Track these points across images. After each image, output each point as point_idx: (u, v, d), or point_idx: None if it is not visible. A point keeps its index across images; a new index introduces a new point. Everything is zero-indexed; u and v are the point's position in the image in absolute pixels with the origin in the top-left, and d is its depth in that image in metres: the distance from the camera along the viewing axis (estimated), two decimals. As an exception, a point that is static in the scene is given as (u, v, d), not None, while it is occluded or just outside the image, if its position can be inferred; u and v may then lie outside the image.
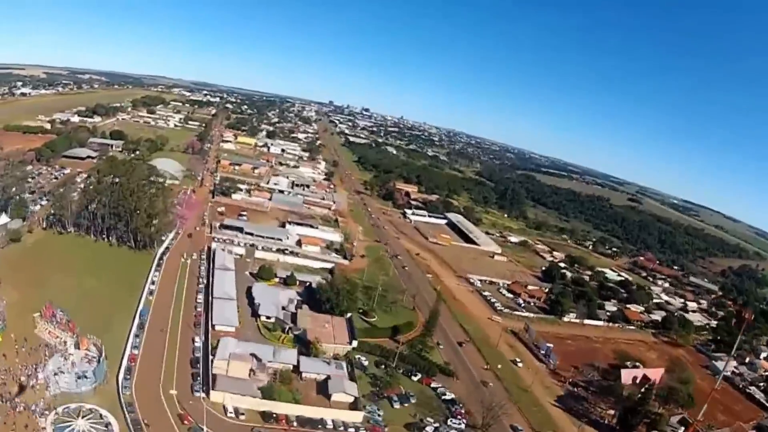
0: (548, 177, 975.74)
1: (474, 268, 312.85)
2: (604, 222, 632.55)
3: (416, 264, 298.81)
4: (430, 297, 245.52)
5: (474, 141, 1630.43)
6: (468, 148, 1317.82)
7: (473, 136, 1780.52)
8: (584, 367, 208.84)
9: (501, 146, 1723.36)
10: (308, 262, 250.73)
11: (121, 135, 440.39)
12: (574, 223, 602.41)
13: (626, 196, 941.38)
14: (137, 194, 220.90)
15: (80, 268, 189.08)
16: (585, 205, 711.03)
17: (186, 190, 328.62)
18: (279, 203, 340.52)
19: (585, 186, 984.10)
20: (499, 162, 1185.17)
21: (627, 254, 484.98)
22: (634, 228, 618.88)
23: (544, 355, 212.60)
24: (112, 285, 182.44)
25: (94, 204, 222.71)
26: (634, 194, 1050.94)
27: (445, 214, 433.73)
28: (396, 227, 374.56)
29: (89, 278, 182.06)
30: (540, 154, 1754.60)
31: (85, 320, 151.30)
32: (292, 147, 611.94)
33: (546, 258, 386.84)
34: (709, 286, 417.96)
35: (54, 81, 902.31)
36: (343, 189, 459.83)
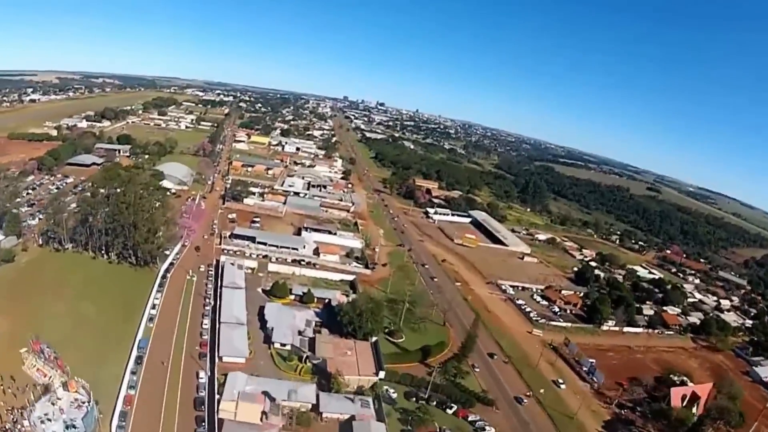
0: (566, 168, 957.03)
1: (504, 272, 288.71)
2: (625, 213, 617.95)
3: (443, 271, 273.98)
4: (462, 309, 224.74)
5: (489, 133, 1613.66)
6: (484, 140, 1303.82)
7: (488, 127, 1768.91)
8: (629, 384, 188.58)
9: (516, 137, 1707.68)
10: (327, 274, 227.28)
11: (129, 139, 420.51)
12: (596, 215, 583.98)
13: (645, 186, 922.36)
14: (135, 207, 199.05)
15: (75, 291, 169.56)
16: (605, 195, 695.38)
17: (194, 196, 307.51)
18: (294, 207, 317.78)
19: (603, 176, 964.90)
20: (516, 153, 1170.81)
21: (653, 248, 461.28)
22: (655, 219, 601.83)
23: (587, 373, 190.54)
24: (109, 310, 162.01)
25: (90, 219, 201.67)
26: (652, 183, 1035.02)
27: (468, 213, 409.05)
28: (419, 228, 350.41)
29: (84, 303, 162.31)
30: (556, 144, 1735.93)
31: (76, 355, 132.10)
32: (307, 145, 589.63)
33: (576, 257, 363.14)
34: (738, 281, 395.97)
35: (66, 86, 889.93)
36: (361, 188, 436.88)
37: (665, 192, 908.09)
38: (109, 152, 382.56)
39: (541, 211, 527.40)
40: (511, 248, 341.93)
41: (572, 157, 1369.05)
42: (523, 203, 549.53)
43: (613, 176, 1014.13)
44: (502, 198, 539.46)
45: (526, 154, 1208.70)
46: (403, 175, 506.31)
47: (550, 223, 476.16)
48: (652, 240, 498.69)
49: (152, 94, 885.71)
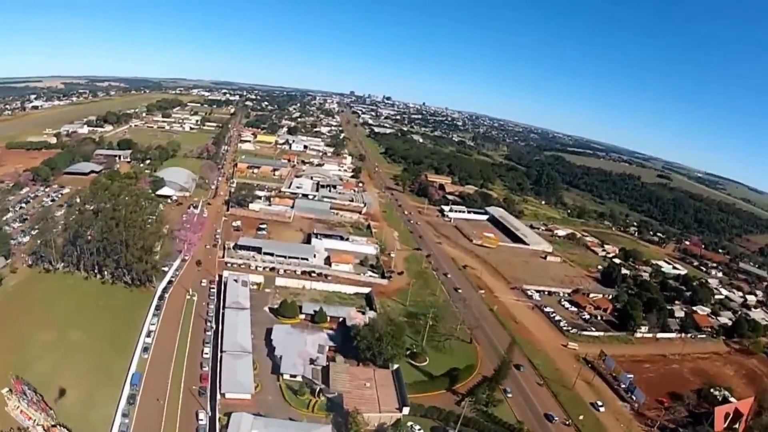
0: (575, 157, 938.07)
1: (528, 275, 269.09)
2: (638, 202, 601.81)
3: (465, 277, 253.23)
4: (488, 321, 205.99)
5: (497, 123, 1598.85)
6: (492, 132, 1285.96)
7: (496, 118, 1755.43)
8: (670, 401, 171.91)
9: (524, 127, 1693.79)
10: (340, 287, 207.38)
11: (130, 144, 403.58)
12: (609, 204, 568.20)
13: (654, 173, 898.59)
14: (126, 224, 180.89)
15: (64, 318, 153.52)
16: (617, 184, 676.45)
17: (196, 203, 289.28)
18: (303, 211, 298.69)
19: (613, 164, 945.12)
20: (524, 143, 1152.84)
21: (672, 239, 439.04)
22: (669, 207, 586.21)
23: (625, 390, 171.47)
24: (100, 339, 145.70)
25: (80, 237, 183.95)
26: (662, 170, 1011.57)
27: (485, 209, 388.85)
28: (435, 228, 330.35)
29: (74, 332, 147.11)
30: (563, 133, 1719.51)
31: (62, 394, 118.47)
32: (315, 143, 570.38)
33: (598, 253, 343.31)
34: (759, 272, 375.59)
35: (70, 91, 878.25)
36: (372, 186, 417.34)
37: (675, 179, 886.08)
38: (109, 158, 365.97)
39: (556, 204, 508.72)
40: (533, 247, 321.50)
41: (580, 145, 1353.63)
42: (537, 195, 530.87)
43: (622, 164, 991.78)
44: (516, 191, 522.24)
45: (535, 143, 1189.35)
46: (415, 170, 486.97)
47: (567, 216, 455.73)
48: (669, 231, 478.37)
49: (157, 96, 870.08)
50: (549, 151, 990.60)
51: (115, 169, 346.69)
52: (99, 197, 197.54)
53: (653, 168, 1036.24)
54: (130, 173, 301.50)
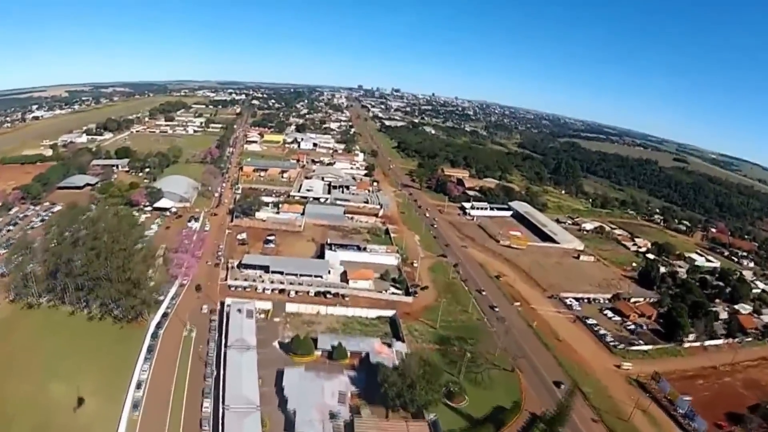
0: (590, 142, 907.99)
1: (563, 280, 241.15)
2: (657, 187, 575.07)
3: (497, 286, 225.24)
4: (527, 340, 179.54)
5: (508, 111, 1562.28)
6: (504, 120, 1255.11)
7: (506, 106, 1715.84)
8: (728, 425, 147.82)
9: (535, 114, 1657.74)
10: (359, 312, 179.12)
11: (128, 152, 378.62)
12: (629, 191, 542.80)
13: (671, 157, 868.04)
14: (107, 255, 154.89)
15: (46, 366, 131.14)
16: (635, 170, 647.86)
17: (197, 214, 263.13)
18: (314, 217, 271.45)
19: (628, 149, 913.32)
20: (537, 131, 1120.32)
21: (697, 226, 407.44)
22: (688, 192, 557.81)
23: (683, 416, 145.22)
24: (83, 392, 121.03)
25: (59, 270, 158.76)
26: (676, 153, 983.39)
27: (508, 204, 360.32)
28: (458, 229, 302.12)
29: (55, 384, 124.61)
30: (575, 119, 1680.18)
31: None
32: (324, 140, 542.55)
33: (629, 248, 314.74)
34: None
35: (73, 99, 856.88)
36: (387, 184, 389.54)
37: (691, 162, 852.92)
38: (106, 169, 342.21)
39: (577, 193, 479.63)
40: (564, 246, 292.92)
41: (593, 130, 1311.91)
42: (557, 185, 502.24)
43: (637, 149, 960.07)
44: (534, 181, 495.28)
45: (548, 130, 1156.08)
46: (431, 165, 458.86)
47: (592, 207, 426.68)
48: (694, 218, 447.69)
49: (161, 99, 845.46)
50: (562, 138, 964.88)
51: (111, 179, 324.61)
52: (77, 223, 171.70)
53: (668, 151, 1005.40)
54: (125, 186, 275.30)
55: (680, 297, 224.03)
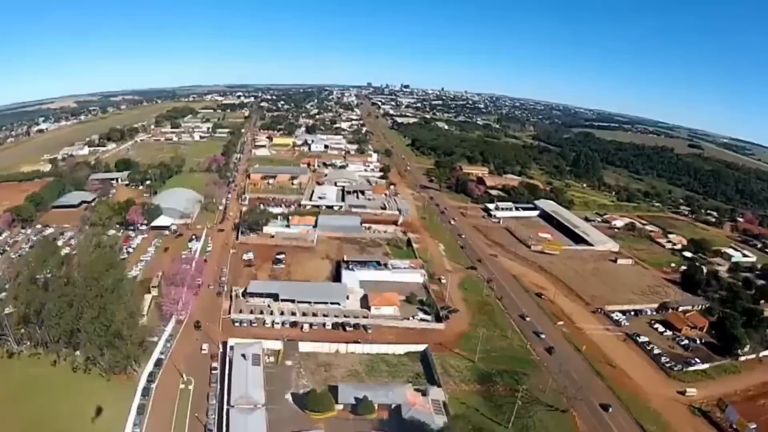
0: (603, 132, 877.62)
1: (605, 289, 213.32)
2: (677, 176, 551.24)
3: (535, 301, 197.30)
4: (577, 369, 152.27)
5: (518, 103, 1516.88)
6: (515, 112, 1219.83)
7: (516, 98, 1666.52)
8: None
9: (545, 104, 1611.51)
10: (385, 348, 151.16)
11: (128, 164, 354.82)
12: (648, 181, 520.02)
13: (685, 143, 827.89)
14: (81, 302, 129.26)
15: None
16: (652, 158, 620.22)
17: (199, 232, 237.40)
18: (328, 229, 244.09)
19: (642, 137, 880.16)
20: (549, 121, 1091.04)
21: (724, 216, 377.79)
22: (708, 179, 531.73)
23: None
24: None
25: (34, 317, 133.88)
26: (690, 139, 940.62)
27: (533, 203, 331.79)
28: (484, 234, 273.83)
29: None
30: (585, 108, 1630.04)
31: None
32: (336, 140, 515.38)
33: (664, 245, 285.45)
34: None
35: (81, 110, 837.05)
36: (404, 186, 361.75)
37: (706, 148, 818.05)
38: (105, 183, 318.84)
39: (599, 186, 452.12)
40: (598, 248, 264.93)
41: (604, 119, 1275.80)
42: (578, 178, 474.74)
43: (651, 136, 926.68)
44: (555, 175, 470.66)
45: (560, 121, 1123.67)
46: (448, 163, 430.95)
47: (617, 201, 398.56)
48: (720, 207, 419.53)
49: (168, 106, 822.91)
50: (575, 128, 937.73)
51: (110, 195, 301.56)
52: (47, 266, 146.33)
53: (681, 138, 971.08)
54: (121, 203, 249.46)
55: (729, 302, 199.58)
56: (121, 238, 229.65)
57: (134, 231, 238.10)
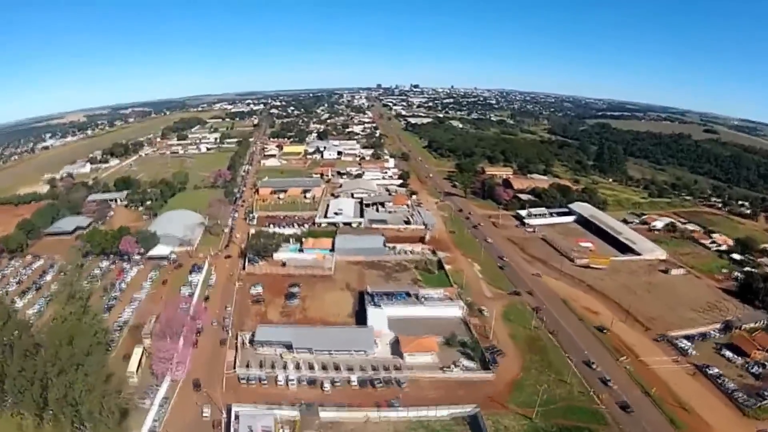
0: (618, 121, 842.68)
1: (663, 308, 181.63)
2: (698, 163, 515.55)
3: (590, 330, 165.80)
4: (651, 421, 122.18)
5: (528, 97, 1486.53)
6: (527, 106, 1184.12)
7: (526, 92, 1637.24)
8: None
9: (556, 97, 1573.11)
10: (424, 412, 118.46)
11: (128, 182, 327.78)
12: (671, 171, 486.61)
13: (699, 128, 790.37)
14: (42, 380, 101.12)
15: None
16: (671, 147, 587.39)
17: (201, 260, 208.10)
18: (347, 253, 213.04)
19: (656, 124, 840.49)
20: (561, 114, 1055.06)
21: (758, 207, 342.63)
22: (729, 165, 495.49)
23: None
24: None
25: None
26: (703, 124, 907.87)
27: (568, 207, 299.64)
28: (521, 247, 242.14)
29: None
30: (595, 98, 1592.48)
31: None
32: (349, 146, 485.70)
33: (709, 247, 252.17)
34: None
35: (88, 124, 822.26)
36: (426, 193, 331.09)
37: (720, 131, 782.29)
38: (102, 205, 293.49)
39: (626, 181, 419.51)
40: (646, 257, 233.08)
41: (615, 108, 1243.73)
42: (603, 173, 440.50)
43: (665, 123, 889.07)
44: (579, 171, 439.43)
45: (573, 113, 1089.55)
46: (469, 165, 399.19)
47: (648, 197, 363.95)
48: (749, 196, 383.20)
49: (176, 117, 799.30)
50: (589, 119, 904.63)
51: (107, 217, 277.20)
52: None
53: (695, 123, 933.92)
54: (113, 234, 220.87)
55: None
56: (114, 271, 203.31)
57: (129, 262, 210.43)
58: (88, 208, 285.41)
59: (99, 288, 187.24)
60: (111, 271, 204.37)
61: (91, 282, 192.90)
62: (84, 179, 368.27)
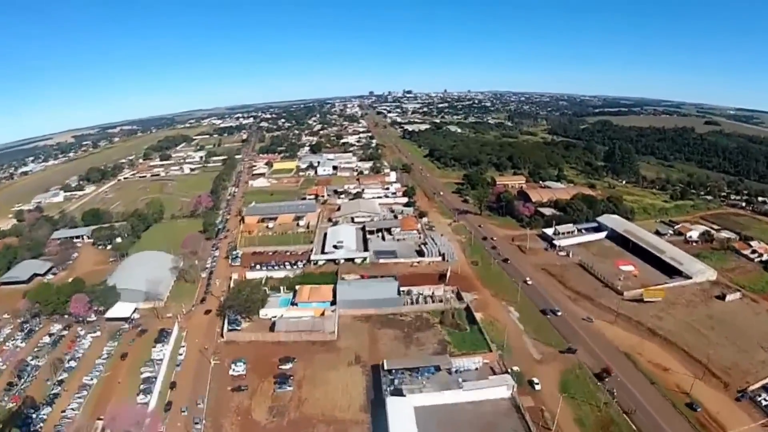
0: (618, 117, 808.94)
1: (730, 349, 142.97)
2: (706, 157, 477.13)
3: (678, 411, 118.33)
4: None
5: (523, 97, 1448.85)
6: (523, 107, 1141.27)
7: (520, 92, 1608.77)
8: None
9: (550, 96, 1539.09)
10: None
11: (97, 215, 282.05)
12: (680, 167, 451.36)
13: (700, 121, 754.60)
14: None
15: None
16: (677, 141, 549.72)
17: (168, 327, 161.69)
18: (353, 305, 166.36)
19: (656, 119, 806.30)
20: (558, 113, 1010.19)
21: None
22: (738, 158, 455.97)
23: None
24: None
25: None
26: (703, 116, 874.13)
27: (596, 220, 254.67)
28: (558, 278, 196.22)
29: None
30: (590, 95, 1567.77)
31: None
32: (345, 159, 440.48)
33: (751, 258, 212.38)
34: None
35: (71, 147, 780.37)
36: (436, 212, 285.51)
37: (722, 123, 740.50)
38: (66, 244, 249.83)
39: (641, 182, 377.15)
40: (697, 279, 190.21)
41: (611, 104, 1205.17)
42: (616, 175, 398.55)
43: (663, 116, 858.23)
44: (591, 174, 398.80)
45: (570, 111, 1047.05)
46: (477, 175, 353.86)
47: (671, 199, 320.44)
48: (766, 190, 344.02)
49: (162, 135, 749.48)
50: (587, 117, 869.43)
51: (71, 259, 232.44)
52: None
53: (693, 115, 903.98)
54: (63, 290, 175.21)
55: None
56: (66, 340, 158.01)
57: (84, 324, 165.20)
58: (51, 248, 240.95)
59: (47, 364, 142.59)
60: (64, 339, 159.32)
61: (38, 356, 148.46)
62: (55, 210, 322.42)
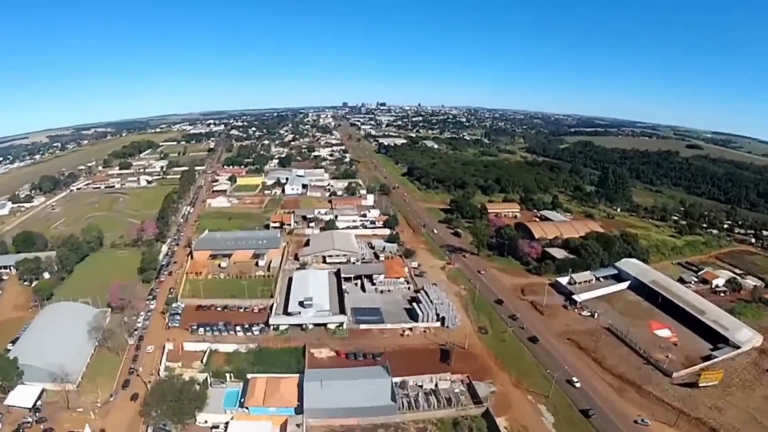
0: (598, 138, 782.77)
1: None
2: (694, 183, 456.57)
3: None
4: None
5: (497, 114, 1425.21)
6: (499, 123, 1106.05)
7: (493, 109, 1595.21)
8: None
9: (524, 113, 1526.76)
10: None
11: (29, 238, 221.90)
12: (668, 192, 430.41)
13: (682, 144, 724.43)
14: None
15: None
16: (661, 165, 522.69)
17: (79, 423, 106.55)
18: (327, 414, 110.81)
19: (636, 141, 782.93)
20: (534, 131, 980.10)
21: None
22: (728, 186, 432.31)
23: None
24: None
25: None
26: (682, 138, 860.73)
27: (615, 266, 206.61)
28: (592, 355, 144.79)
29: None
30: (564, 114, 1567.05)
31: None
32: (317, 177, 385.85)
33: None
34: None
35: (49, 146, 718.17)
36: (424, 248, 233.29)
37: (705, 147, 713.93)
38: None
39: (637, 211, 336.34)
40: (745, 348, 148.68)
41: (586, 124, 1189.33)
42: (610, 202, 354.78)
43: (643, 138, 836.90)
44: (584, 201, 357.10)
45: (546, 130, 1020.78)
46: (465, 202, 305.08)
47: (677, 234, 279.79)
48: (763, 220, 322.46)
49: (129, 140, 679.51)
50: (565, 137, 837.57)
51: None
52: None
53: (671, 137, 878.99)
54: None
55: None
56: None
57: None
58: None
59: None
60: None
61: None
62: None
